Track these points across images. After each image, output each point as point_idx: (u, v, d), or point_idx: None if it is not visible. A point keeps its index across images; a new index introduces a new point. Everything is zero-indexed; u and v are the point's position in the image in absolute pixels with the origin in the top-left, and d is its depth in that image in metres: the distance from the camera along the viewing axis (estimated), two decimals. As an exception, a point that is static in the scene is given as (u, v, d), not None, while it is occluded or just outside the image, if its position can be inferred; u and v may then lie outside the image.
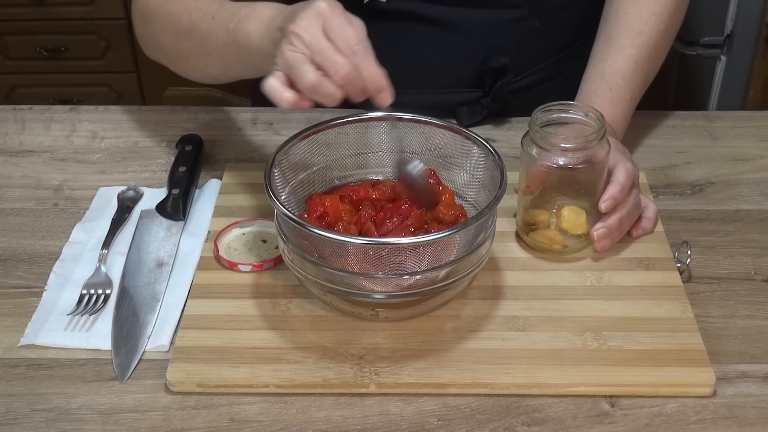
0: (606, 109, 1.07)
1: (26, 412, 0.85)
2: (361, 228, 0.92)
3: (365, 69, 0.85)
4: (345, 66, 0.84)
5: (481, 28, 1.19)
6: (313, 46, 0.85)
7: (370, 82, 0.86)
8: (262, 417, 0.84)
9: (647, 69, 1.14)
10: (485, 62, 1.21)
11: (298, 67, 0.85)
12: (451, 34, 1.20)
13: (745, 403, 0.85)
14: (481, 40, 1.20)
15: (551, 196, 1.00)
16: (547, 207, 1.01)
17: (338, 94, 0.85)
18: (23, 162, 1.20)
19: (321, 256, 0.87)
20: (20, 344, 0.91)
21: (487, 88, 1.22)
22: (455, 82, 1.24)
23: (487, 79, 1.22)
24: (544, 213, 1.01)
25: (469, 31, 1.20)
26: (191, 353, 0.89)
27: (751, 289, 0.98)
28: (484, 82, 1.22)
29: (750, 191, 1.13)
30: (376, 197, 0.95)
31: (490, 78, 1.21)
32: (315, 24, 0.85)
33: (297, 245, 0.89)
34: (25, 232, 1.07)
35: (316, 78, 0.84)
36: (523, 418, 0.83)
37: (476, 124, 1.23)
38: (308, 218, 0.91)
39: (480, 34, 1.20)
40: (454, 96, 1.24)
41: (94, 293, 0.96)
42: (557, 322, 0.92)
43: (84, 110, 1.30)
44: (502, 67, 1.20)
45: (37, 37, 2.51)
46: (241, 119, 1.28)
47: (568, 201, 1.00)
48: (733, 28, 1.82)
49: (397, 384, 0.86)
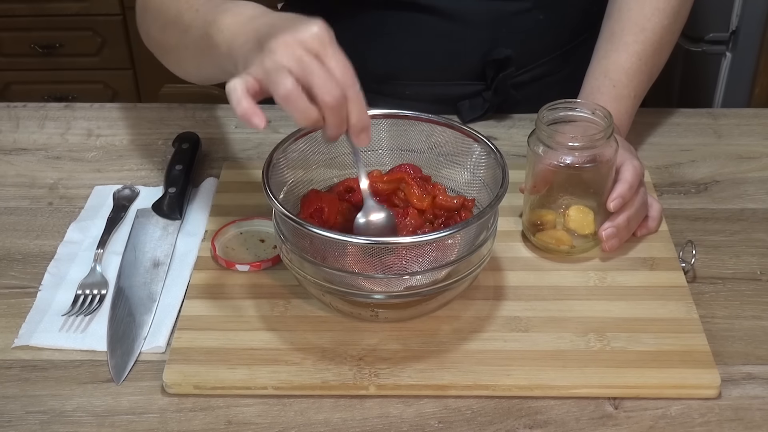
0: (610, 106, 1.05)
1: (20, 414, 0.84)
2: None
3: (356, 105, 0.80)
4: (336, 91, 0.79)
5: (485, 19, 1.19)
6: (303, 62, 0.79)
7: (358, 119, 0.81)
8: (260, 419, 0.83)
9: (651, 65, 1.13)
10: (488, 54, 1.20)
11: (277, 74, 0.79)
12: (454, 25, 1.19)
13: (750, 405, 0.84)
14: (484, 31, 1.19)
15: (558, 195, 0.99)
16: (553, 207, 1.00)
17: (314, 113, 0.79)
18: (17, 160, 1.19)
19: (320, 256, 0.86)
20: (14, 345, 0.91)
21: (489, 81, 1.21)
22: (457, 74, 1.23)
23: (489, 71, 1.21)
24: (551, 213, 1.00)
25: (472, 22, 1.19)
26: (188, 354, 0.88)
27: (757, 290, 0.97)
28: (486, 74, 1.21)
29: (756, 190, 1.12)
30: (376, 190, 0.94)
31: (492, 70, 1.21)
32: (310, 43, 0.80)
33: (295, 245, 0.87)
34: (20, 231, 1.06)
35: (293, 87, 0.78)
36: (525, 420, 0.83)
37: (478, 118, 1.22)
38: (302, 214, 0.90)
39: (483, 26, 1.19)
40: (456, 88, 1.23)
41: (90, 293, 0.95)
42: (560, 323, 0.91)
43: (79, 108, 1.29)
44: (505, 59, 1.20)
45: (31, 34, 2.50)
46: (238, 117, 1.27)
47: (575, 200, 0.99)
48: (739, 24, 1.81)
49: (397, 386, 0.85)
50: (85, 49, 2.53)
